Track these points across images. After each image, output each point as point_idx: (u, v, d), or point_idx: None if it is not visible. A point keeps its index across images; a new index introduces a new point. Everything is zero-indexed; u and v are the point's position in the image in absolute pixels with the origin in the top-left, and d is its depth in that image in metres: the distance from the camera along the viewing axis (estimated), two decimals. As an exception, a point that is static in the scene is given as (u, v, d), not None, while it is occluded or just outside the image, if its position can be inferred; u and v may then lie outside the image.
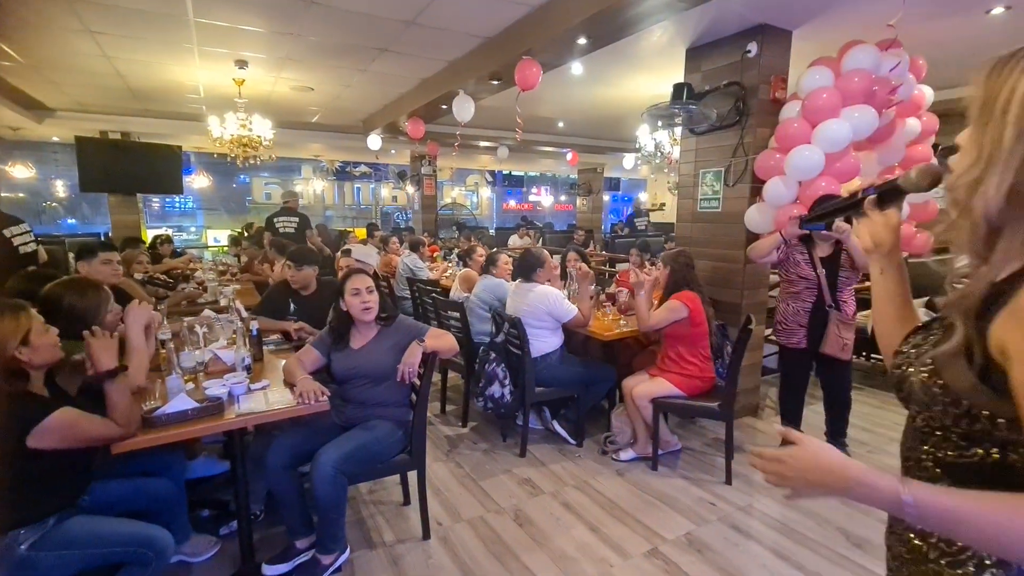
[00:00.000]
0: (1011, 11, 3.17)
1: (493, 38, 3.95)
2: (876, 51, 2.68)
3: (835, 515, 2.47)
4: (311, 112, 6.96)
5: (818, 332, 2.80)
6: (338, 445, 2.00)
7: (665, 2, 2.76)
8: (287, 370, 2.11)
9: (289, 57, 4.55)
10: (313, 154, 11.70)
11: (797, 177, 2.92)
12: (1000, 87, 0.63)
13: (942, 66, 3.99)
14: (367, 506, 2.57)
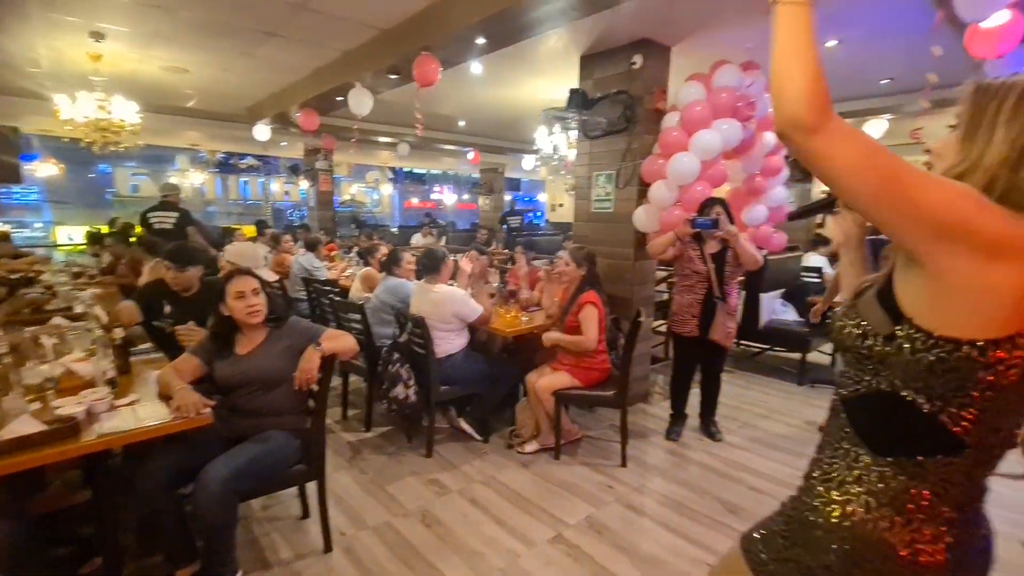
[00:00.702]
0: (841, 44, 3.75)
1: (391, 30, 3.85)
2: (738, 71, 3.02)
3: (712, 485, 2.75)
4: (186, 96, 6.29)
5: (707, 321, 3.09)
6: (226, 460, 1.84)
7: (559, 9, 2.88)
8: (161, 382, 1.90)
9: (158, 33, 4.08)
10: (190, 143, 10.56)
11: (677, 181, 3.21)
12: (987, 105, 0.75)
13: (793, 88, 4.57)
14: (261, 523, 2.40)
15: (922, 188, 0.69)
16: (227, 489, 1.77)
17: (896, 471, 0.77)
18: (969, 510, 0.79)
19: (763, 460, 3.04)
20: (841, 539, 0.80)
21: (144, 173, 12.11)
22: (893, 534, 0.77)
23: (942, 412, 0.72)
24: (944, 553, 0.75)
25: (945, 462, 0.74)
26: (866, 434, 0.81)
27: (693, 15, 3.15)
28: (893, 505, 0.77)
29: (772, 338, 4.58)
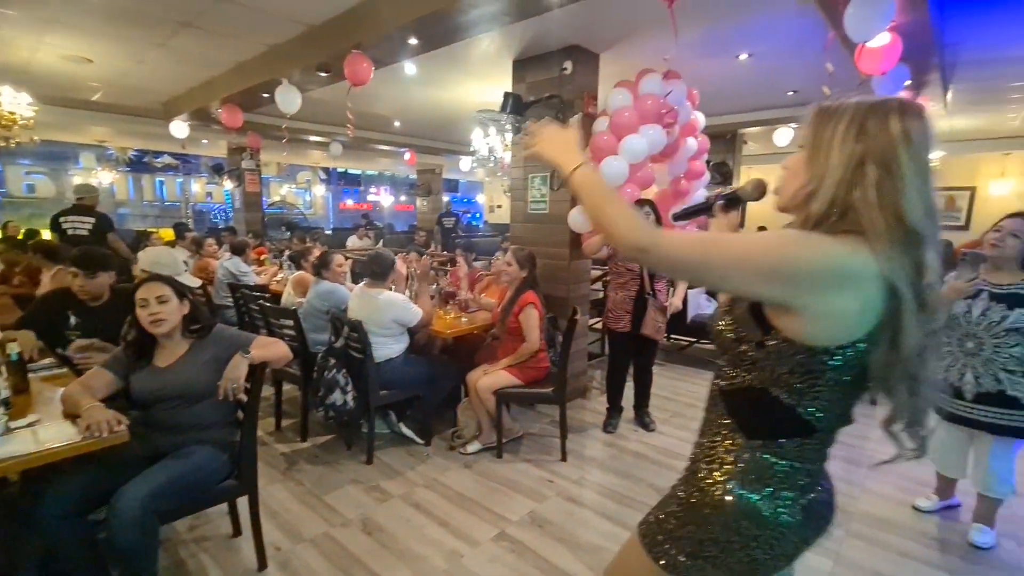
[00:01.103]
0: (752, 57, 4.05)
1: (319, 27, 3.73)
2: (661, 79, 3.20)
3: (647, 473, 2.89)
4: (91, 89, 5.76)
5: (639, 317, 3.23)
6: (144, 480, 1.72)
7: (490, 14, 2.91)
8: (68, 399, 1.74)
9: (55, 19, 3.73)
10: (96, 139, 9.66)
11: (608, 183, 3.34)
12: (825, 128, 0.86)
13: (710, 97, 4.89)
14: (187, 545, 2.26)
15: (759, 255, 0.80)
16: (146, 511, 1.66)
17: (763, 451, 0.92)
18: (818, 475, 0.96)
19: (692, 446, 3.22)
20: (723, 512, 0.93)
21: (41, 172, 10.97)
22: (761, 501, 0.91)
23: (799, 404, 0.87)
24: (800, 512, 0.92)
25: (800, 442, 0.91)
26: (740, 421, 0.95)
27: (618, 24, 3.29)
28: (761, 479, 0.92)
29: (698, 332, 4.86)
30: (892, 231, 0.78)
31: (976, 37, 3.71)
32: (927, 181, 0.81)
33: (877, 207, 0.79)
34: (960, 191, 8.79)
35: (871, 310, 0.79)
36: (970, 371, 2.16)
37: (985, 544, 2.25)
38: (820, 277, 0.78)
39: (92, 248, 2.66)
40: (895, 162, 0.80)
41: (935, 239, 0.81)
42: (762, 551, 0.92)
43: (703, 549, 0.95)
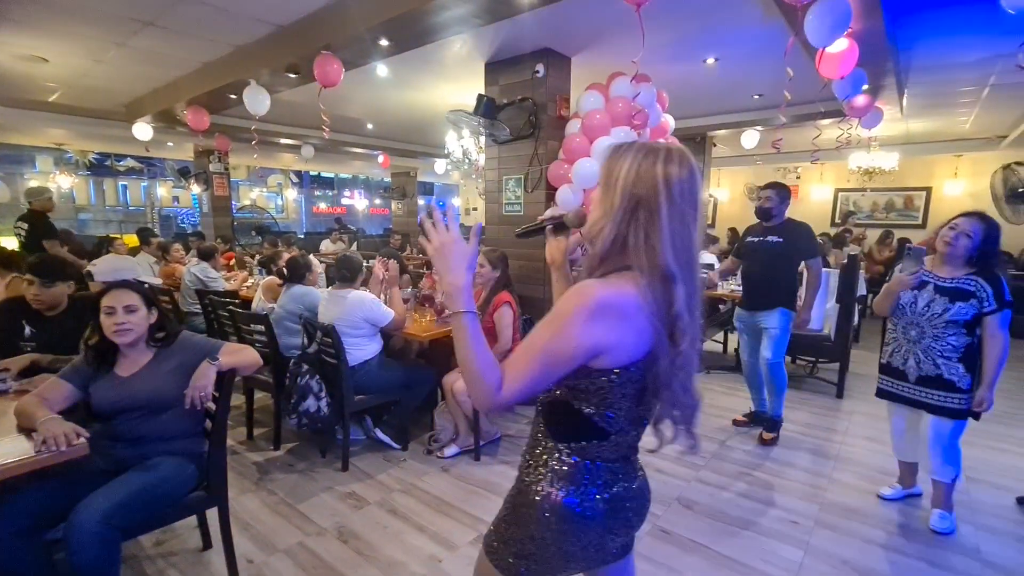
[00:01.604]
0: (719, 61, 4.14)
1: (287, 27, 3.67)
2: (631, 82, 3.25)
3: (624, 472, 2.92)
4: (47, 89, 5.54)
5: None
6: (105, 495, 1.65)
7: (460, 16, 2.91)
8: (22, 412, 1.66)
9: (5, 16, 3.57)
10: (54, 142, 9.27)
11: (581, 185, 3.37)
12: (613, 167, 0.96)
13: (680, 101, 4.99)
14: (153, 561, 2.18)
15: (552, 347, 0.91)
16: (107, 526, 1.59)
17: (570, 453, 1.03)
18: (620, 471, 1.06)
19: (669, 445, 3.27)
20: (537, 509, 1.03)
21: (-7, 176, 10.48)
22: (568, 498, 1.01)
23: (596, 414, 0.99)
24: (603, 504, 1.02)
25: (598, 444, 1.02)
26: (551, 429, 1.05)
27: (589, 28, 3.34)
28: (569, 478, 1.02)
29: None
30: (652, 270, 0.91)
31: (927, 43, 3.89)
32: (687, 225, 0.92)
33: (643, 248, 0.91)
34: (917, 191, 9.16)
35: (644, 337, 0.92)
36: (912, 357, 2.33)
37: (944, 529, 2.34)
38: (581, 334, 0.89)
39: (50, 255, 2.55)
40: (656, 207, 0.91)
41: (688, 278, 0.92)
42: (571, 544, 1.02)
43: (524, 547, 1.04)
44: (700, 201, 0.95)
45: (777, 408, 3.26)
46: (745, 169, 10.62)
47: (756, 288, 3.17)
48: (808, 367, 4.76)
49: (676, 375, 0.94)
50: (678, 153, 0.94)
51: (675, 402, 0.98)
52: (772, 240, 3.11)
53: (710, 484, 2.80)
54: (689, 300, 0.93)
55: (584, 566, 1.09)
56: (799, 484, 2.79)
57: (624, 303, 0.91)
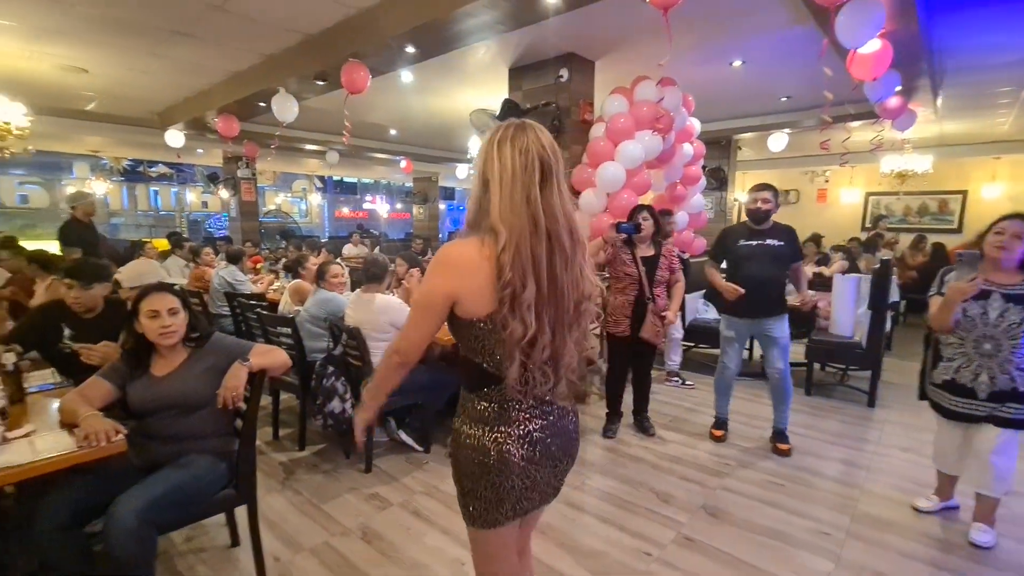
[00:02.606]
0: (745, 64, 4.09)
1: (316, 36, 3.76)
2: (656, 86, 3.23)
3: (647, 478, 2.89)
4: (85, 98, 5.77)
5: (639, 322, 3.24)
6: (141, 490, 1.69)
7: (485, 23, 2.94)
8: (66, 409, 1.73)
9: (53, 29, 3.73)
10: (91, 149, 9.64)
11: (605, 189, 3.36)
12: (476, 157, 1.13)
13: (706, 104, 4.94)
14: (184, 557, 2.23)
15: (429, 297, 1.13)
16: (143, 522, 1.63)
17: (478, 400, 1.17)
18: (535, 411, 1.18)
19: (692, 451, 3.22)
20: (465, 449, 1.18)
21: (35, 182, 10.94)
22: (484, 436, 1.15)
23: (483, 361, 1.13)
24: (518, 441, 1.15)
25: (497, 389, 1.14)
26: (464, 382, 1.21)
27: (613, 32, 3.33)
28: (482, 420, 1.16)
29: (696, 335, 4.87)
30: (489, 230, 1.07)
31: (964, 44, 3.78)
32: (522, 189, 1.05)
33: (484, 213, 1.08)
34: (952, 195, 8.88)
35: (492, 288, 1.06)
36: (985, 372, 2.18)
37: (986, 543, 2.25)
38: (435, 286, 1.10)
39: (88, 259, 2.66)
40: (492, 176, 1.08)
41: (521, 235, 1.05)
42: (498, 477, 1.15)
43: (464, 485, 1.20)
44: (546, 160, 1.08)
45: (786, 419, 3.22)
46: (771, 172, 10.44)
47: (759, 294, 3.03)
48: (838, 375, 4.65)
49: (513, 313, 1.06)
50: (513, 127, 1.09)
51: (521, 343, 1.08)
52: (773, 244, 3.02)
53: (736, 492, 2.74)
54: (523, 248, 1.05)
55: (519, 502, 1.20)
56: (829, 494, 2.72)
57: (466, 257, 1.08)
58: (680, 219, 3.94)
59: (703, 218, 4.23)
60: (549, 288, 1.07)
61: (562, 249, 1.09)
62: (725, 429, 3.41)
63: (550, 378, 1.14)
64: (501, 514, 1.18)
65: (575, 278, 1.12)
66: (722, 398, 3.41)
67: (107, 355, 2.14)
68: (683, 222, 3.99)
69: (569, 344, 1.15)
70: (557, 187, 1.09)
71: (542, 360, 1.11)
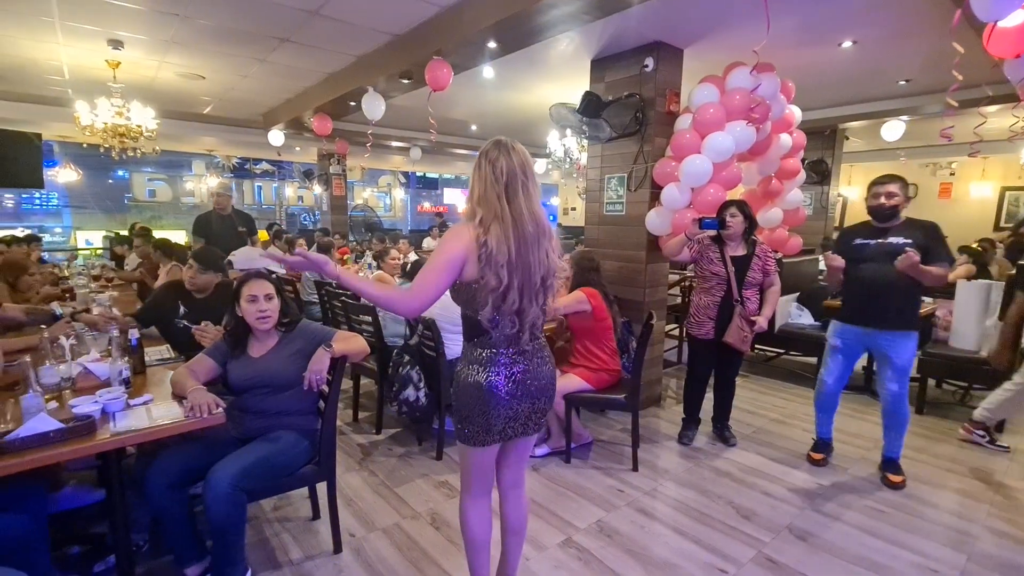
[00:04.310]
0: (858, 44, 3.69)
1: (403, 36, 3.88)
2: (752, 73, 2.99)
3: (726, 490, 2.71)
4: (203, 102, 6.40)
5: (724, 324, 3.02)
6: (236, 459, 1.85)
7: (570, 13, 2.87)
8: (176, 381, 1.92)
9: (175, 40, 4.16)
10: (206, 148, 10.72)
11: (690, 183, 3.18)
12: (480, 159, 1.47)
13: (809, 90, 4.54)
14: (271, 524, 2.41)
15: (436, 257, 1.45)
16: (236, 488, 1.78)
17: (474, 346, 1.52)
18: (517, 357, 1.51)
19: (778, 466, 2.99)
20: (464, 385, 1.52)
21: (161, 178, 12.31)
22: (478, 375, 1.49)
23: (476, 316, 1.46)
24: (505, 380, 1.49)
25: (489, 339, 1.49)
26: (465, 333, 1.56)
27: (705, 18, 3.14)
28: (478, 362, 1.51)
29: (788, 342, 4.51)
30: (472, 216, 1.43)
31: None
32: (493, 186, 1.42)
33: (476, 207, 1.44)
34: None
35: (481, 260, 1.40)
36: None
37: None
38: (453, 249, 1.41)
39: (210, 248, 3.05)
40: (474, 178, 1.46)
41: (493, 221, 1.40)
42: (489, 406, 1.49)
43: (461, 413, 1.53)
44: (512, 171, 1.42)
45: (899, 447, 2.83)
46: (883, 165, 9.41)
47: (876, 301, 2.64)
48: (957, 393, 4.10)
49: (494, 286, 1.40)
50: (491, 144, 1.46)
51: (502, 306, 1.43)
52: (897, 242, 2.58)
53: (828, 515, 2.50)
54: (497, 237, 1.39)
55: (503, 430, 1.53)
56: (942, 528, 2.41)
57: (468, 234, 1.41)
58: (774, 215, 3.64)
59: (800, 215, 3.88)
60: (518, 258, 1.41)
61: (526, 234, 1.43)
62: (826, 452, 3.04)
63: (516, 325, 1.47)
64: (489, 437, 1.52)
65: (541, 257, 1.46)
66: (822, 415, 3.04)
67: (216, 338, 2.36)
68: (776, 219, 3.69)
69: (534, 306, 1.48)
70: (522, 191, 1.43)
71: (511, 310, 1.44)
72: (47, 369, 1.90)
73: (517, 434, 1.57)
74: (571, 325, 3.02)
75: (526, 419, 1.56)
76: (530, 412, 1.56)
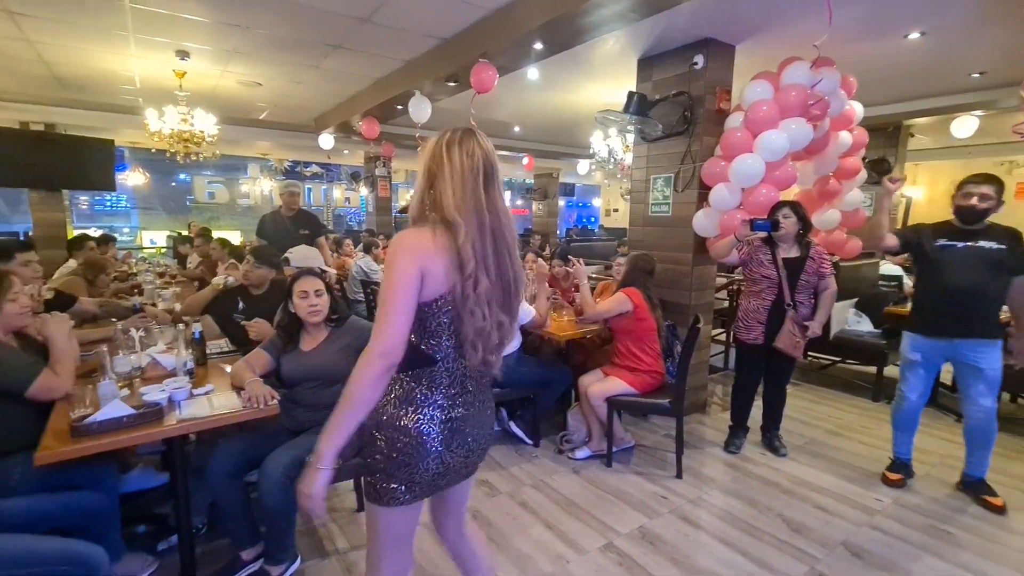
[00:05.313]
0: (926, 36, 3.48)
1: (450, 39, 3.94)
2: (809, 68, 2.87)
3: (775, 502, 2.60)
4: (259, 108, 6.70)
5: (775, 330, 2.91)
6: (288, 450, 1.93)
7: (617, 12, 2.84)
8: (235, 373, 2.02)
9: (236, 50, 4.38)
10: (261, 152, 11.23)
11: (740, 184, 3.08)
12: (421, 156, 1.21)
13: (871, 85, 4.31)
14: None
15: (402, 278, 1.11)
16: (288, 478, 1.85)
17: (407, 380, 1.19)
18: (457, 398, 1.21)
19: (833, 479, 2.85)
20: (381, 427, 1.18)
21: (219, 181, 12.99)
22: (407, 418, 1.17)
23: (421, 343, 1.18)
24: (439, 425, 1.18)
25: (431, 371, 1.19)
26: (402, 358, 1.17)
27: (758, 13, 3.03)
28: (407, 400, 1.18)
29: (844, 350, 4.30)
30: (442, 220, 1.14)
31: None
32: (468, 184, 1.14)
33: (437, 206, 1.16)
34: None
35: (446, 274, 1.12)
36: None
37: None
38: (407, 266, 1.10)
39: (268, 246, 3.23)
40: (441, 173, 1.16)
41: (472, 225, 1.13)
42: (411, 456, 1.16)
43: (376, 464, 1.19)
44: (484, 165, 1.17)
45: (987, 466, 2.63)
46: (951, 163, 8.83)
47: (962, 308, 2.45)
48: (1033, 410, 3.80)
49: (472, 302, 1.13)
50: (460, 132, 1.20)
51: (476, 329, 1.15)
52: (989, 247, 2.41)
53: (888, 533, 2.36)
54: (475, 242, 1.13)
55: (428, 485, 1.21)
56: (1018, 553, 2.23)
57: (424, 242, 1.13)
58: (831, 217, 3.47)
59: (860, 216, 3.68)
60: (497, 277, 1.18)
61: (504, 240, 1.19)
62: (905, 474, 2.81)
63: (492, 363, 1.23)
64: (409, 495, 1.19)
65: (516, 267, 1.23)
66: (902, 434, 2.82)
67: (262, 331, 2.46)
68: (834, 220, 3.51)
69: (509, 327, 1.24)
70: (497, 188, 1.20)
71: (492, 346, 1.20)
72: (120, 359, 2.04)
73: (446, 485, 1.28)
74: (612, 325, 2.99)
75: (457, 473, 1.26)
76: (463, 465, 1.26)
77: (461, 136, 1.19)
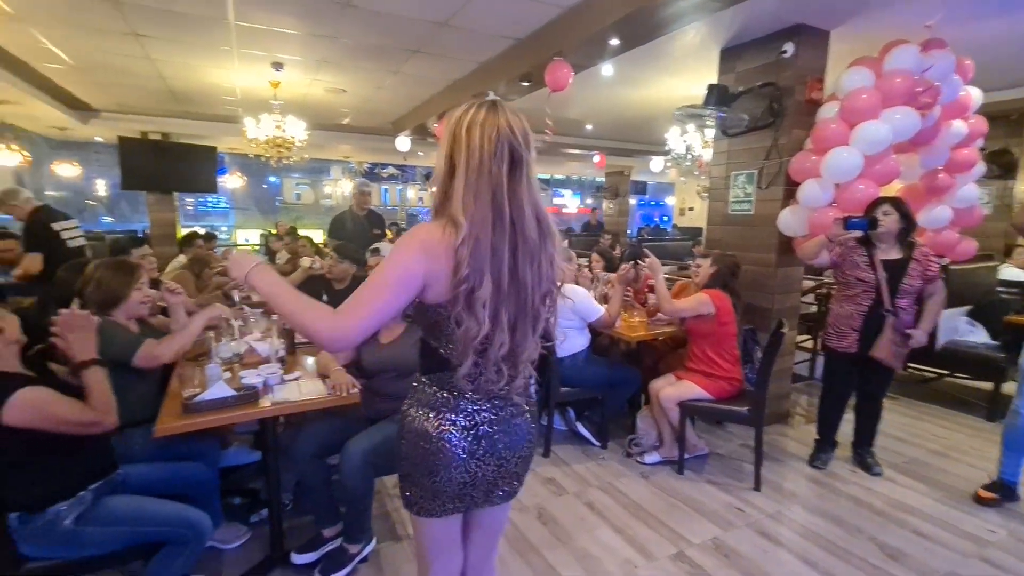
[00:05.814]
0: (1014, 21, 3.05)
1: (524, 39, 3.97)
2: (918, 51, 2.60)
3: (867, 524, 2.40)
4: (342, 114, 7.10)
5: (871, 337, 2.68)
6: (366, 437, 2.03)
7: (697, 2, 2.73)
8: (321, 362, 2.16)
9: (325, 59, 4.66)
10: (343, 155, 11.91)
11: (834, 179, 2.86)
12: (440, 132, 1.08)
13: (992, 68, 3.84)
14: (392, 500, 2.60)
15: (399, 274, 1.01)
16: (365, 463, 1.96)
17: (430, 383, 1.14)
18: (485, 405, 1.13)
19: (936, 504, 2.58)
20: (408, 432, 1.14)
21: (306, 183, 13.90)
22: (429, 423, 1.11)
23: (440, 347, 1.09)
24: (462, 432, 1.11)
25: (449, 376, 1.10)
26: (421, 363, 1.17)
27: (859, -8, 2.80)
28: (430, 405, 1.12)
29: (953, 362, 3.87)
30: (450, 219, 1.01)
31: None
32: (490, 177, 0.99)
33: (449, 200, 1.02)
34: None
35: (447, 275, 1.01)
36: None
37: None
38: (410, 263, 1.00)
39: (348, 244, 3.45)
40: (458, 160, 1.00)
41: (478, 222, 0.98)
42: (432, 464, 1.10)
43: (404, 469, 1.16)
44: (509, 149, 1.00)
45: None
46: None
47: None
48: None
49: (463, 308, 1.01)
50: (483, 107, 1.00)
51: (469, 337, 1.03)
52: None
53: (1001, 567, 2.11)
54: (481, 243, 0.99)
55: (458, 498, 1.14)
56: None
57: (435, 239, 1.01)
58: (941, 215, 3.13)
59: (976, 214, 3.29)
60: (510, 283, 1.03)
61: (526, 241, 1.03)
62: (1003, 496, 2.55)
63: (504, 375, 1.09)
64: (437, 505, 1.14)
65: (543, 270, 1.07)
66: (1012, 454, 2.54)
67: None
68: (944, 219, 3.17)
69: (531, 339, 1.11)
70: (526, 175, 1.03)
71: (499, 357, 1.07)
72: (224, 345, 2.24)
73: (477, 504, 1.18)
74: (689, 328, 2.88)
75: (490, 486, 1.16)
76: (495, 477, 1.16)
77: (484, 112, 1.00)
